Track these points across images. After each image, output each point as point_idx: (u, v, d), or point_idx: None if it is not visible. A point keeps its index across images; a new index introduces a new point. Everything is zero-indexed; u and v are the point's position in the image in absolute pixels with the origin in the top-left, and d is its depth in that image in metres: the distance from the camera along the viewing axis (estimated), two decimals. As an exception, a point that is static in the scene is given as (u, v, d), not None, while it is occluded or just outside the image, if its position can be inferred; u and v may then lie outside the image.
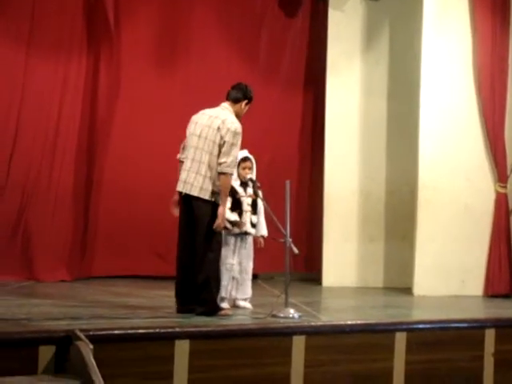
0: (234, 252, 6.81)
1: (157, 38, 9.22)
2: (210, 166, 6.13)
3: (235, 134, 6.16)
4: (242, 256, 6.83)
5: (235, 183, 6.82)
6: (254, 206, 6.84)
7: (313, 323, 6.06)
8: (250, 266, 6.89)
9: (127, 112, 9.11)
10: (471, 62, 8.90)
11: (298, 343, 5.63)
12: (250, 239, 6.88)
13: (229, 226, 6.69)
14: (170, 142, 9.12)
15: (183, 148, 6.42)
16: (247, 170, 6.82)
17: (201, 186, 6.12)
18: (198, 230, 6.14)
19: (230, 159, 6.11)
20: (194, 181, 6.15)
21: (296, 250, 6.34)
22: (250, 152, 6.93)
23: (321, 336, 5.80)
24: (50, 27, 8.64)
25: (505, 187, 8.82)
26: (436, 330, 6.31)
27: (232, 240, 6.79)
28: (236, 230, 6.73)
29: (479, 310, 7.99)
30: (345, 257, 9.42)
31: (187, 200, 6.22)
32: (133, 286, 8.48)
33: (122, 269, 9.03)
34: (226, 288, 6.77)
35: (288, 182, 6.51)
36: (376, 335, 6.01)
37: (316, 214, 9.82)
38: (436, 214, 8.69)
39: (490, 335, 6.39)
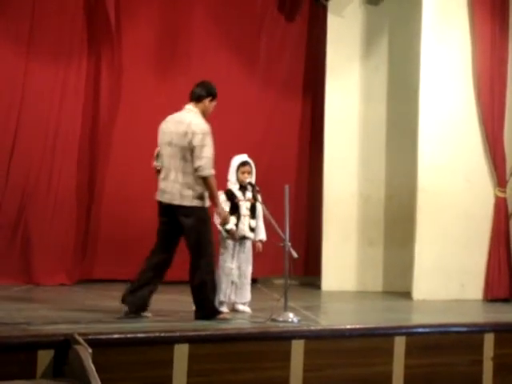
0: (232, 256, 6.81)
1: (157, 41, 9.24)
2: (185, 173, 6.08)
3: (203, 135, 6.08)
4: (241, 260, 6.84)
5: (234, 187, 6.83)
6: (252, 210, 6.84)
7: (312, 327, 6.05)
8: (249, 270, 6.90)
9: (128, 114, 9.11)
10: (470, 66, 8.91)
11: (297, 347, 5.62)
12: (248, 243, 6.88)
13: (224, 233, 6.72)
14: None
15: (157, 156, 6.35)
16: (246, 174, 6.83)
17: (180, 193, 6.08)
18: (188, 237, 6.15)
19: (203, 161, 6.02)
20: (172, 189, 6.11)
21: (295, 254, 6.34)
22: (249, 156, 6.93)
23: (320, 340, 5.80)
24: (50, 29, 8.65)
25: (504, 191, 8.82)
26: (435, 334, 6.30)
27: (231, 244, 6.80)
28: (229, 241, 6.76)
29: (478, 314, 7.99)
30: (344, 261, 9.42)
31: (169, 209, 6.18)
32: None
33: (122, 273, 9.01)
34: (225, 292, 6.78)
35: (287, 187, 6.51)
36: (375, 339, 6.01)
37: (315, 217, 9.83)
38: (435, 218, 8.69)
39: (489, 339, 6.38)
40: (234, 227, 6.74)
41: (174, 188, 6.10)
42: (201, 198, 6.10)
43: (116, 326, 5.73)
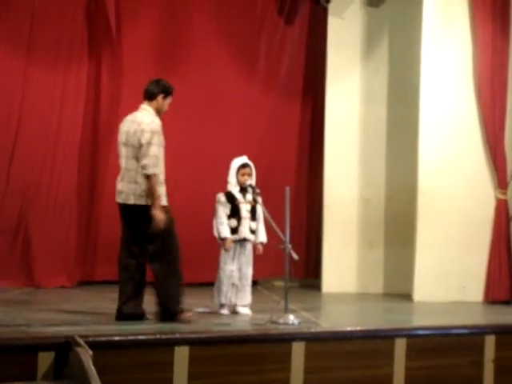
0: (233, 258, 6.82)
1: (157, 44, 9.23)
2: (137, 172, 6.03)
3: (151, 133, 6.00)
4: (241, 262, 6.84)
5: (234, 189, 6.84)
6: (253, 212, 6.85)
7: (312, 329, 6.05)
8: (249, 272, 6.90)
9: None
10: (471, 68, 8.90)
11: (298, 349, 5.62)
12: (249, 245, 6.89)
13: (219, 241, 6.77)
14: (170, 147, 9.17)
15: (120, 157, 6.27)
16: (246, 177, 6.83)
17: (134, 193, 6.03)
18: (150, 237, 6.08)
19: (148, 160, 5.95)
20: (127, 189, 6.07)
21: (296, 256, 6.35)
22: (249, 158, 6.94)
23: (320, 342, 5.80)
24: (50, 32, 8.64)
25: (505, 193, 8.82)
26: (436, 336, 6.31)
27: (232, 246, 6.80)
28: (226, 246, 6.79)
29: (479, 316, 7.98)
30: (345, 262, 9.41)
31: (127, 209, 6.14)
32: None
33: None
34: (226, 294, 6.78)
35: (288, 189, 6.51)
36: (376, 341, 6.01)
37: (315, 219, 9.83)
38: (436, 220, 8.69)
39: (490, 341, 6.39)
40: (229, 236, 6.74)
41: (129, 188, 6.05)
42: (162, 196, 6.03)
43: (116, 328, 5.73)
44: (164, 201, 6.11)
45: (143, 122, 6.08)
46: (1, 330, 5.36)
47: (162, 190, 6.09)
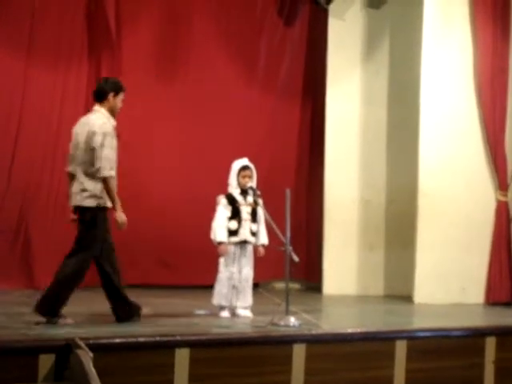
0: (234, 260, 6.81)
1: (157, 46, 9.24)
2: (87, 174, 5.97)
3: (103, 135, 5.91)
4: (242, 264, 6.83)
5: (235, 191, 6.84)
6: (253, 214, 6.85)
7: (313, 331, 6.04)
8: (250, 274, 6.89)
9: (128, 119, 9.10)
10: (471, 70, 8.91)
11: (299, 351, 5.62)
12: (250, 247, 6.88)
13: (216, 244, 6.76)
14: (170, 149, 9.19)
15: (70, 160, 6.21)
16: (247, 179, 6.83)
17: (81, 194, 5.98)
18: (78, 233, 6.09)
19: (102, 162, 5.87)
20: (76, 191, 6.02)
21: (296, 258, 6.35)
22: (249, 160, 6.93)
23: (321, 344, 5.80)
24: (50, 34, 8.66)
25: (505, 195, 8.82)
26: (436, 338, 6.31)
27: (232, 248, 6.80)
28: (230, 245, 6.77)
29: (480, 318, 7.98)
30: (345, 265, 9.42)
31: (77, 211, 6.10)
32: (134, 294, 8.44)
33: (125, 278, 9.00)
34: (227, 296, 6.78)
35: (288, 191, 6.50)
36: (376, 343, 6.01)
37: (315, 221, 9.83)
38: (436, 222, 8.69)
39: (490, 343, 6.39)
40: (225, 240, 6.74)
41: (78, 189, 6.00)
42: (101, 198, 5.97)
43: (117, 330, 5.73)
44: (109, 203, 6.02)
45: (95, 124, 5.98)
46: (1, 332, 5.36)
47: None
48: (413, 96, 8.99)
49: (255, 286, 7.27)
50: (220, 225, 6.76)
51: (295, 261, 6.35)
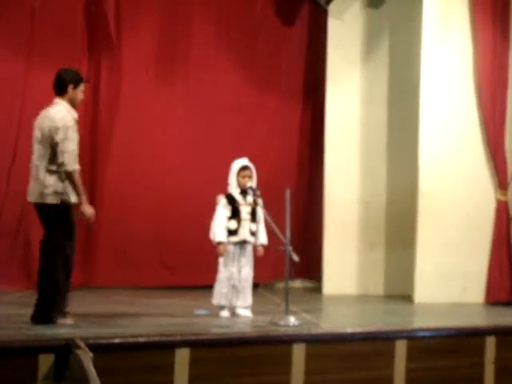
0: (233, 260, 6.81)
1: (157, 48, 9.25)
2: (48, 170, 5.81)
3: (65, 128, 5.76)
4: (241, 264, 6.83)
5: (235, 191, 6.84)
6: (253, 214, 6.85)
7: (313, 331, 6.05)
8: (250, 274, 6.90)
9: (128, 121, 9.13)
10: (471, 69, 8.90)
11: (299, 351, 5.62)
12: (249, 247, 6.88)
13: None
14: (171, 150, 9.20)
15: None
16: (247, 179, 6.83)
17: (40, 191, 5.82)
18: (44, 233, 5.92)
19: (66, 156, 5.71)
20: (34, 188, 5.87)
21: (296, 258, 6.35)
22: (250, 160, 6.93)
23: (321, 344, 5.80)
24: (50, 36, 8.65)
25: (505, 195, 8.81)
26: (437, 338, 6.30)
27: (232, 248, 6.80)
28: (230, 245, 6.77)
29: (480, 318, 7.97)
30: (345, 264, 9.42)
31: (36, 208, 5.95)
32: (135, 294, 8.47)
33: (124, 277, 9.03)
34: (227, 296, 6.78)
35: (288, 191, 6.51)
36: (376, 343, 6.01)
37: (315, 221, 9.83)
38: (437, 222, 8.69)
39: (490, 343, 6.38)
40: (224, 240, 6.74)
41: (36, 186, 5.84)
42: (64, 194, 5.81)
43: (117, 330, 5.73)
44: (73, 199, 5.87)
45: (56, 118, 5.82)
46: (1, 332, 5.37)
47: (69, 189, 5.85)
48: (413, 96, 8.98)
49: (255, 286, 7.27)
50: (219, 225, 6.76)
51: (295, 261, 6.35)
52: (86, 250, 8.91)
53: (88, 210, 5.89)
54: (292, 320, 6.22)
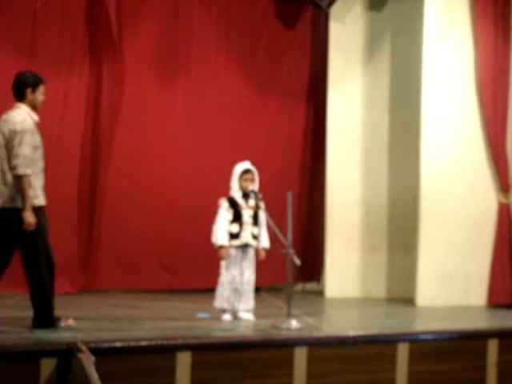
0: (235, 263, 6.81)
1: (158, 50, 9.26)
2: (6, 173, 5.78)
3: (21, 132, 5.74)
4: (243, 267, 6.83)
5: (237, 195, 6.84)
6: (255, 217, 6.85)
7: (315, 334, 6.05)
8: (252, 277, 6.89)
9: (129, 123, 9.13)
10: (473, 72, 8.90)
11: (301, 354, 5.62)
12: (251, 251, 6.88)
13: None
14: (172, 152, 9.20)
15: None
16: (249, 182, 6.83)
17: (10, 196, 5.77)
18: (24, 240, 5.88)
19: (18, 160, 5.70)
20: (4, 193, 5.80)
21: (298, 261, 6.34)
22: (252, 163, 6.93)
23: (323, 347, 5.80)
24: (52, 39, 8.67)
25: (507, 198, 8.81)
26: (439, 341, 6.30)
27: (234, 251, 6.80)
28: (232, 248, 6.77)
29: (482, 320, 7.96)
30: (347, 267, 9.41)
31: (2, 214, 5.85)
32: (136, 297, 8.48)
33: (126, 281, 9.02)
34: (229, 299, 6.78)
35: (290, 194, 6.51)
36: (378, 346, 6.00)
37: (317, 224, 9.83)
38: (439, 225, 8.68)
39: (493, 345, 6.37)
40: (226, 244, 6.74)
41: (5, 191, 5.80)
42: (33, 197, 5.79)
43: (119, 334, 5.73)
44: (42, 200, 5.88)
45: (15, 121, 5.80)
46: (3, 336, 5.37)
47: (38, 192, 5.87)
48: (414, 99, 8.97)
49: (257, 289, 7.27)
50: (221, 228, 6.76)
51: (297, 264, 6.35)
52: (87, 253, 8.92)
53: (29, 218, 5.74)
54: (294, 323, 6.22)
